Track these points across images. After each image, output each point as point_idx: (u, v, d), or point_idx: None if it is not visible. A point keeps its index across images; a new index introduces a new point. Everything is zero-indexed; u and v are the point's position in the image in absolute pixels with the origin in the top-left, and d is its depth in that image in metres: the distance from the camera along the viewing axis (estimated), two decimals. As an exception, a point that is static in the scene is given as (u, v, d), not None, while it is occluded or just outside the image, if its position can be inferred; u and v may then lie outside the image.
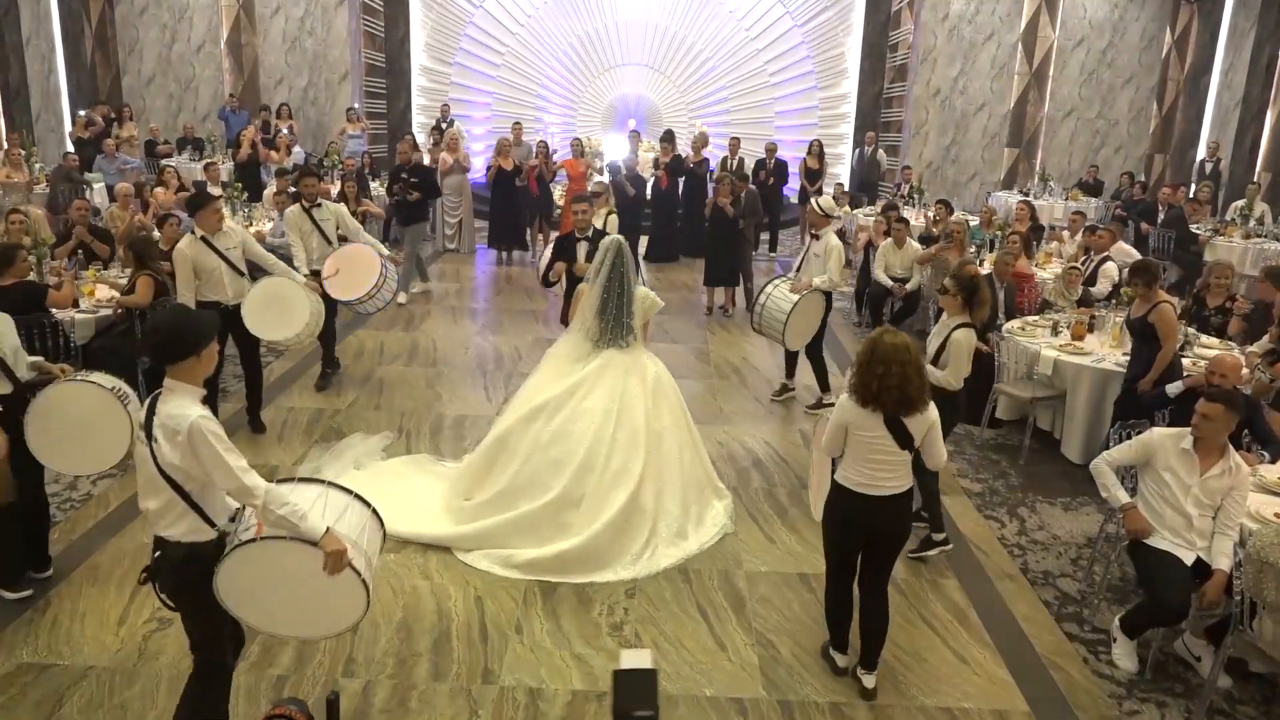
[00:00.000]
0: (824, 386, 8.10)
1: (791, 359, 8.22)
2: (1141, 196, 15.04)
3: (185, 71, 17.74)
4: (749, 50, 18.41)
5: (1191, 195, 13.45)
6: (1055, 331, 7.65)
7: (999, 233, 10.45)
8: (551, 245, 7.73)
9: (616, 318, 5.51)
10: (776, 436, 7.39)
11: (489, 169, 13.02)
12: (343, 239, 7.69)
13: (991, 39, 17.80)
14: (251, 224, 10.55)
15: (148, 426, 3.16)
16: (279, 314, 6.46)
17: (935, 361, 5.44)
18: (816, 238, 8.03)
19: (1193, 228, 12.34)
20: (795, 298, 7.70)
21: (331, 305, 7.47)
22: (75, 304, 7.22)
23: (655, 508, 5.37)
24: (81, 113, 15.18)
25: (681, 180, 12.93)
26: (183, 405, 3.15)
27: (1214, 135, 17.31)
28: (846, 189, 14.11)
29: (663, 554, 5.30)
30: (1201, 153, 17.24)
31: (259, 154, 13.49)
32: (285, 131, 14.31)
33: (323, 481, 3.61)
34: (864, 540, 4.23)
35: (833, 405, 7.54)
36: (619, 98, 18.55)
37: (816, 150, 14.28)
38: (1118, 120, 18.35)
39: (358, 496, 3.59)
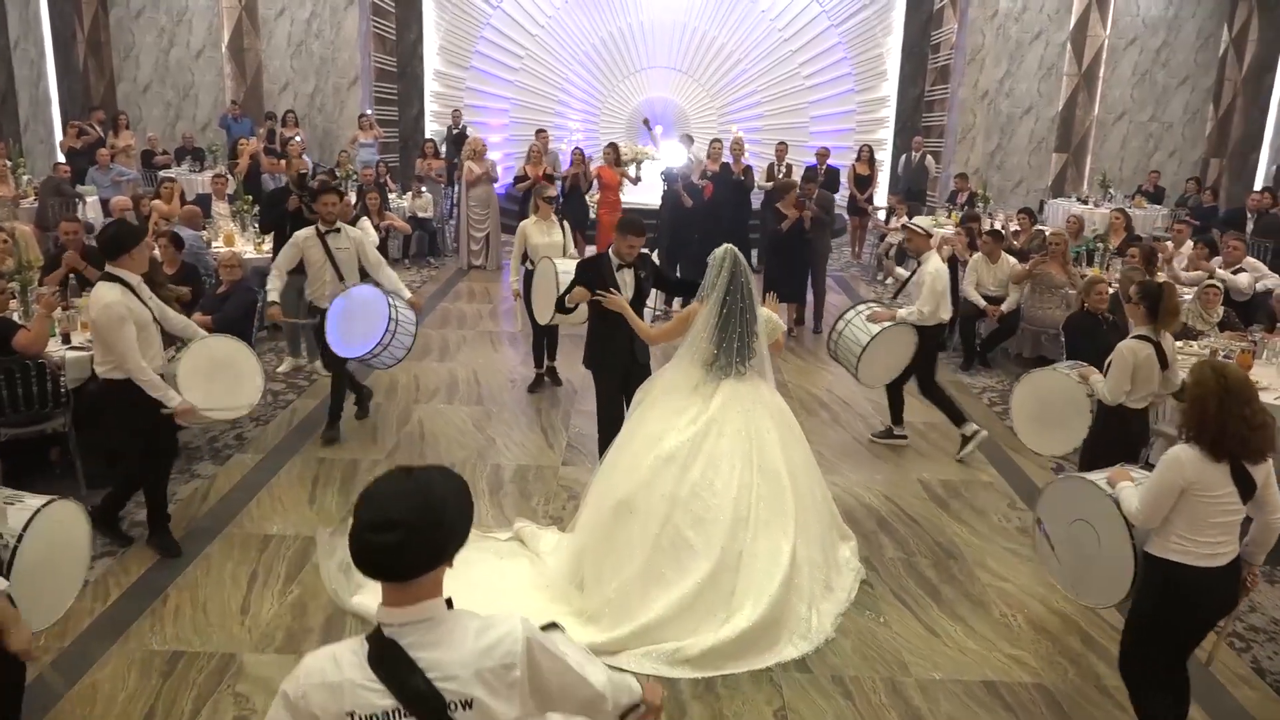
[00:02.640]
0: (897, 419, 7.05)
1: (895, 399, 7.11)
2: (1213, 203, 14.05)
3: (184, 78, 16.61)
4: (783, 52, 17.38)
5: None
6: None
7: (1097, 244, 9.38)
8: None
9: (741, 340, 4.64)
10: (895, 487, 6.29)
11: (515, 179, 11.91)
12: (362, 273, 6.59)
13: (1039, 38, 16.76)
14: (261, 241, 9.42)
15: None
16: (225, 383, 5.25)
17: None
18: (918, 262, 7.07)
19: (1290, 236, 11.30)
20: (875, 329, 6.69)
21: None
22: (66, 339, 6.08)
23: (808, 558, 4.59)
24: (74, 122, 14.03)
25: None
26: None
27: (1280, 137, 16.28)
28: (901, 199, 13.04)
29: (826, 613, 4.55)
30: (1266, 156, 16.21)
31: (261, 165, 12.29)
32: (297, 139, 13.15)
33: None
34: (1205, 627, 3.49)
35: (904, 439, 6.63)
36: (645, 102, 17.48)
37: (867, 156, 13.24)
38: (1172, 123, 17.31)
39: None
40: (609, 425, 5.71)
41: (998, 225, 10.56)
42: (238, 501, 5.81)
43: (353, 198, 10.70)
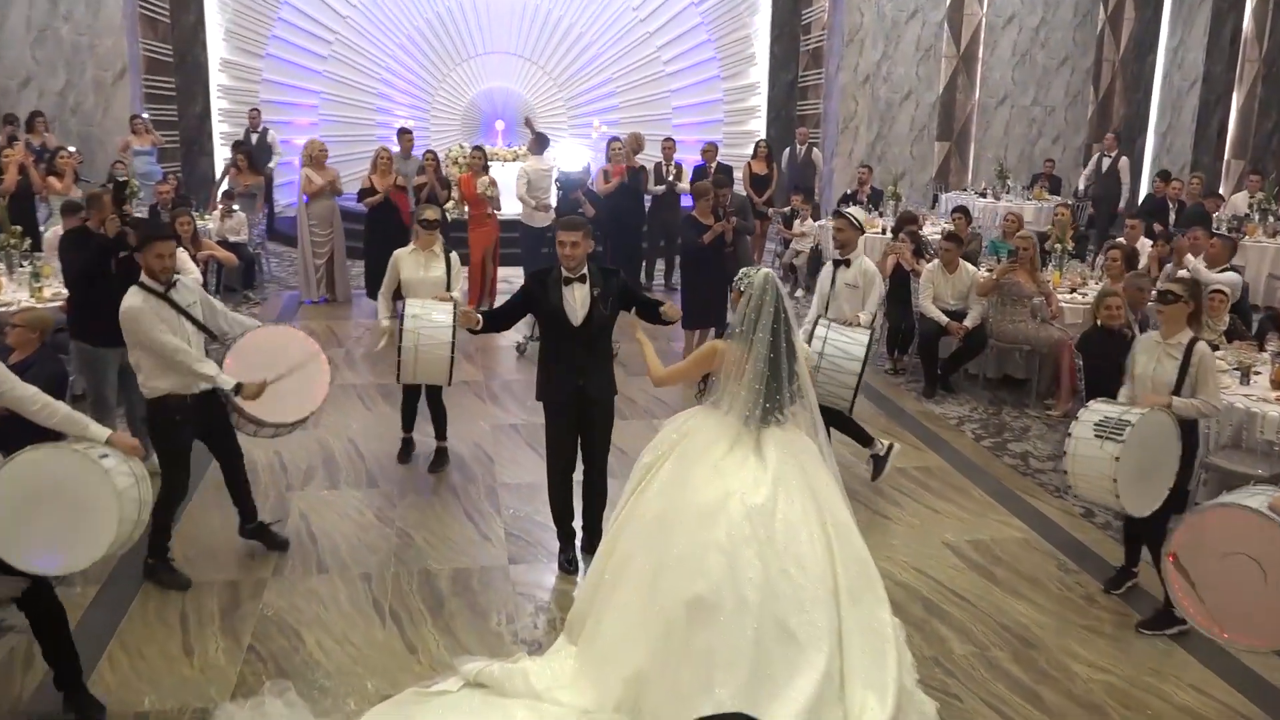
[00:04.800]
0: (866, 439, 6.69)
1: (846, 425, 6.69)
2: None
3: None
4: (639, 34, 17.00)
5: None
6: (1245, 378, 6.45)
7: (1055, 245, 9.34)
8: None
9: (789, 383, 4.35)
10: (923, 557, 5.82)
11: (361, 194, 10.84)
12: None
13: (915, 17, 17.07)
14: (41, 286, 7.99)
15: None
16: (53, 523, 3.99)
17: (1178, 390, 5.07)
18: (846, 262, 6.94)
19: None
20: (865, 339, 6.41)
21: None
22: None
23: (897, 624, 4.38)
24: None
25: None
26: None
27: (1166, 121, 17.24)
28: (805, 199, 12.78)
29: (907, 676, 4.25)
30: (1152, 141, 17.13)
31: (34, 182, 10.58)
32: (72, 150, 11.46)
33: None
34: None
35: (891, 447, 6.63)
36: (482, 94, 16.74)
37: (764, 153, 12.91)
38: (1054, 107, 18.05)
39: None
40: (556, 478, 5.51)
41: (932, 228, 10.43)
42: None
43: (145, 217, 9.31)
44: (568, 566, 5.56)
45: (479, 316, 5.32)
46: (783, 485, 4.16)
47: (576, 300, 5.26)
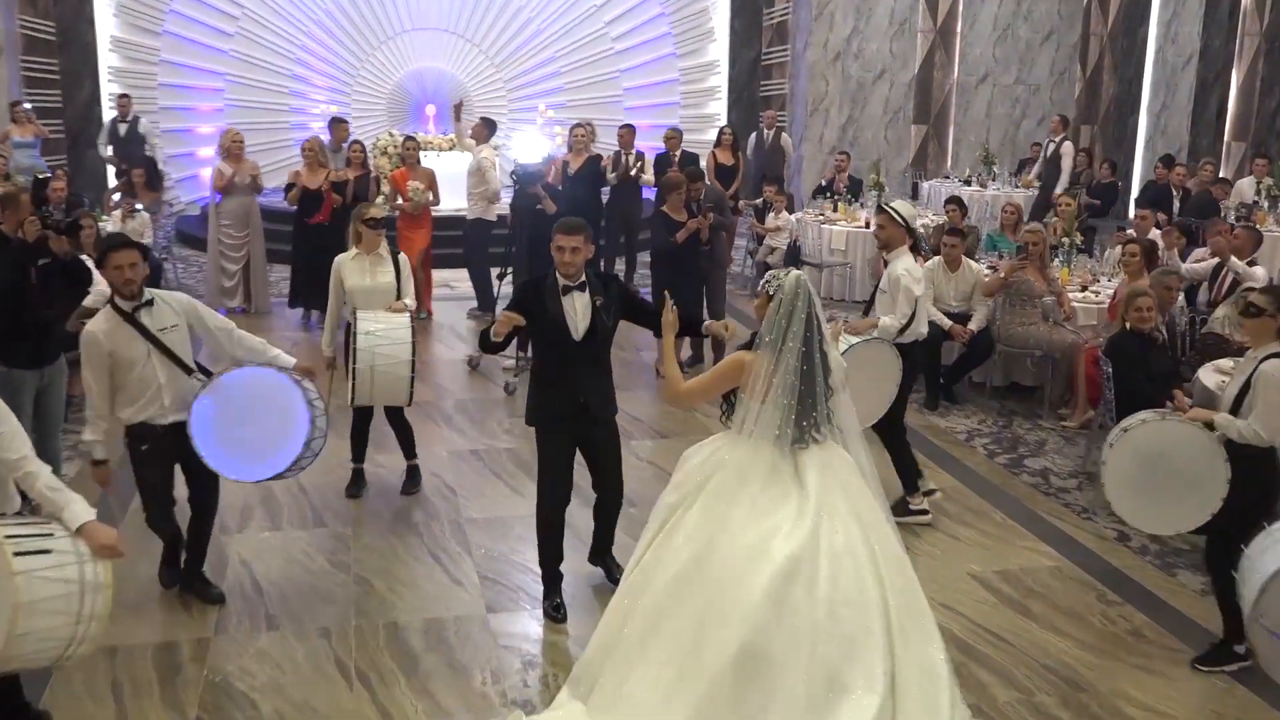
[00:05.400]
0: (911, 484, 6.66)
1: (898, 452, 6.66)
2: (1111, 178, 14.83)
3: None
4: (584, 7, 16.97)
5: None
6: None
7: (1062, 240, 9.42)
8: None
9: (822, 399, 4.35)
10: (948, 591, 5.76)
11: (287, 189, 10.60)
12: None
13: (887, -14, 17.27)
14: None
15: None
16: None
17: (1236, 410, 5.08)
18: (887, 264, 6.89)
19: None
20: (845, 343, 6.40)
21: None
22: None
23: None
24: None
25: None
26: None
27: (1159, 100, 17.56)
28: (778, 190, 12.77)
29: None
30: (1145, 121, 17.45)
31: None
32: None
33: None
34: None
35: (926, 515, 6.55)
36: (411, 75, 16.58)
37: (729, 141, 12.88)
38: (1038, 85, 18.32)
39: None
40: (549, 514, 5.41)
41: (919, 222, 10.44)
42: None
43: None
44: (555, 614, 5.44)
45: (520, 319, 5.10)
46: (826, 514, 4.16)
47: (578, 311, 5.18)
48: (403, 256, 6.94)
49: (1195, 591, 5.77)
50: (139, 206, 11.13)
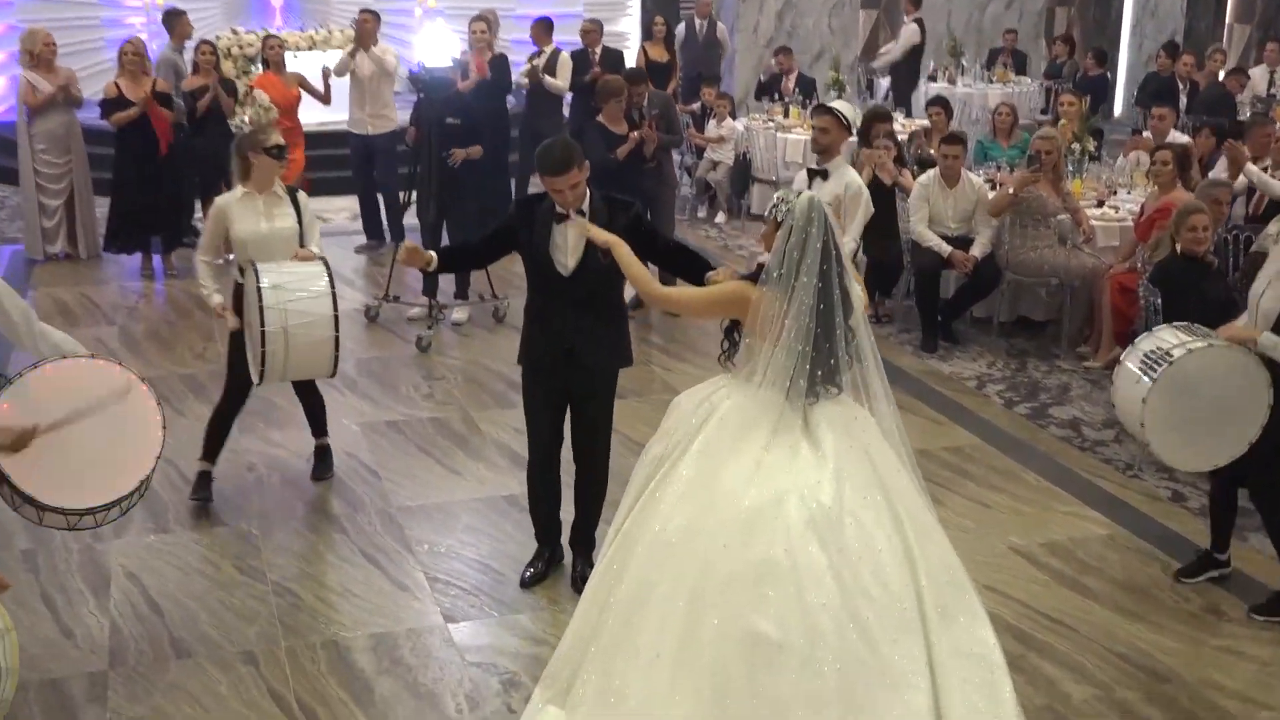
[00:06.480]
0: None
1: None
2: (1100, 70, 15.12)
3: None
4: None
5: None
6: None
7: (1072, 147, 9.55)
8: None
9: (842, 343, 4.36)
10: (991, 570, 5.88)
11: (103, 105, 10.23)
12: None
13: None
14: None
15: None
16: None
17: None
18: (823, 174, 7.48)
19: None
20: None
21: None
22: None
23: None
24: None
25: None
26: None
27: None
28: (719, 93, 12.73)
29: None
30: (1131, 3, 17.76)
31: None
32: None
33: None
34: None
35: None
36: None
37: (661, 33, 12.81)
38: (1007, -39, 18.50)
39: None
40: (534, 469, 5.66)
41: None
42: None
43: None
44: (522, 580, 5.68)
45: (432, 255, 5.28)
46: (848, 479, 4.20)
47: (569, 242, 5.22)
48: (302, 194, 6.68)
49: (1270, 557, 5.94)
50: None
